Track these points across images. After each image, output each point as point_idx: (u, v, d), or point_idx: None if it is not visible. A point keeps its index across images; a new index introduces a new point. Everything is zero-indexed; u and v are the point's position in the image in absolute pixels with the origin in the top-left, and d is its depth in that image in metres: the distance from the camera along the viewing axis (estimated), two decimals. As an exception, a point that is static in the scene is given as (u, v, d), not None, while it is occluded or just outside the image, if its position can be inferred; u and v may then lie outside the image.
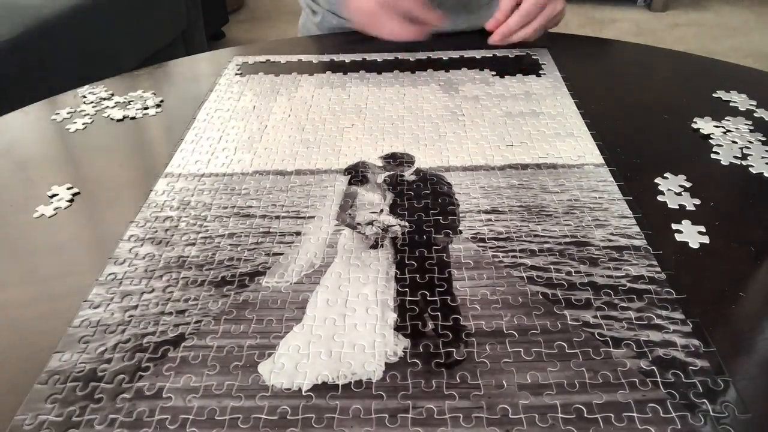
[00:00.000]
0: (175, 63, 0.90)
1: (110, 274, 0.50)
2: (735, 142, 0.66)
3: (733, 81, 0.79)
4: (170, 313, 0.46)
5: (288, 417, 0.38)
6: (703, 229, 0.54)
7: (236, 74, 0.84)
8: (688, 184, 0.59)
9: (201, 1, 2.30)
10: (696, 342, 0.42)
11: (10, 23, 1.48)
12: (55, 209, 0.58)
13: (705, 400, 0.39)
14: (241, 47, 0.94)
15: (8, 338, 0.46)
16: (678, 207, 0.57)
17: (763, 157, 0.64)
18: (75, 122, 0.74)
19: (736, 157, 0.64)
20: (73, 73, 1.50)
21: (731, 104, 0.74)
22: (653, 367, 0.41)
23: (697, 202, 0.57)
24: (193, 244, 0.53)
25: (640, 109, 0.74)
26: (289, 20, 3.20)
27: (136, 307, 0.47)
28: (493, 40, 0.85)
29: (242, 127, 0.71)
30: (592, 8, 3.23)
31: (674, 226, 0.54)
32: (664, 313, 0.45)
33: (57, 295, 0.49)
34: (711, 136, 0.68)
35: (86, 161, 0.67)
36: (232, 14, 3.15)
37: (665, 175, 0.61)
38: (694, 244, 0.52)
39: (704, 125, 0.69)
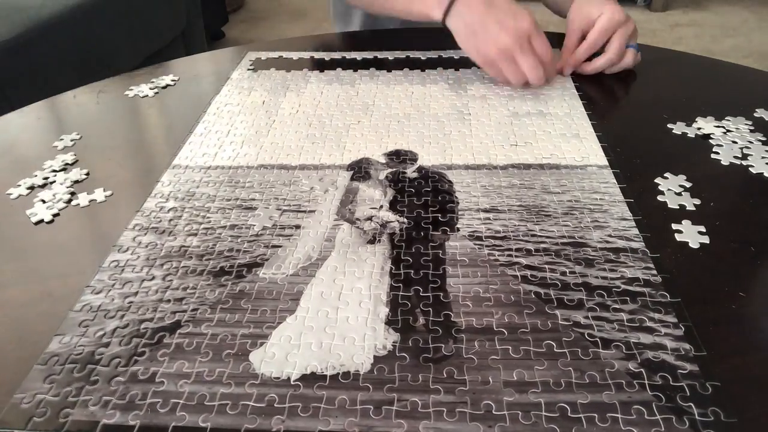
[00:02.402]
0: (174, 63, 0.91)
1: (113, 261, 0.52)
2: (735, 142, 0.66)
3: (733, 81, 0.77)
4: (168, 301, 0.47)
5: (275, 405, 0.39)
6: (703, 229, 0.53)
7: (248, 69, 0.85)
8: (688, 184, 0.59)
9: (201, 1, 2.29)
10: (687, 346, 0.42)
11: (10, 23, 1.48)
12: (58, 210, 0.59)
13: (691, 404, 0.38)
14: (252, 44, 0.95)
15: (6, 333, 0.47)
16: (678, 207, 0.56)
17: (763, 157, 0.63)
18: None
19: (736, 157, 0.63)
20: (73, 73, 1.50)
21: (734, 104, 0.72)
22: (641, 369, 0.41)
23: (697, 202, 0.57)
24: (195, 235, 0.54)
25: (640, 109, 0.73)
26: (289, 20, 3.21)
27: (136, 293, 0.48)
28: (564, 71, 0.80)
29: (251, 121, 0.72)
30: (593, 8, 3.20)
31: (674, 226, 0.54)
32: (656, 316, 0.45)
33: (61, 290, 0.50)
34: (711, 136, 0.67)
35: (95, 154, 0.68)
36: (232, 14, 3.16)
37: (665, 175, 0.60)
38: (694, 244, 0.52)
39: (704, 125, 0.69)
